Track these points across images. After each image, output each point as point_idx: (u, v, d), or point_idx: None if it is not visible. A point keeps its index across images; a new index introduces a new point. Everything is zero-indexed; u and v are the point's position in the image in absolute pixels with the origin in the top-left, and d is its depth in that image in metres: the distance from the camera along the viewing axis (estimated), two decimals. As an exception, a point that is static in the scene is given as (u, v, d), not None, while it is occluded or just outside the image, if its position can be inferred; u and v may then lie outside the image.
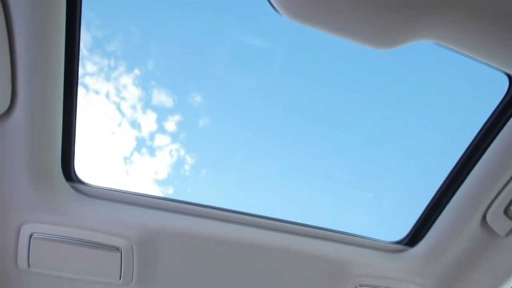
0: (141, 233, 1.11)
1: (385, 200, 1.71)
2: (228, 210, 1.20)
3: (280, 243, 1.20)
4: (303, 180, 1.70)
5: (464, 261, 1.29)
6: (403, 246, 1.35)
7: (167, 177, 1.89)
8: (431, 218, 1.28)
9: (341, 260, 1.26)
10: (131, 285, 1.23)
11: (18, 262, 1.12)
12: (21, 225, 1.06)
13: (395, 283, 1.33)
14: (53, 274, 1.17)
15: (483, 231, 1.23)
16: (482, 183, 1.16)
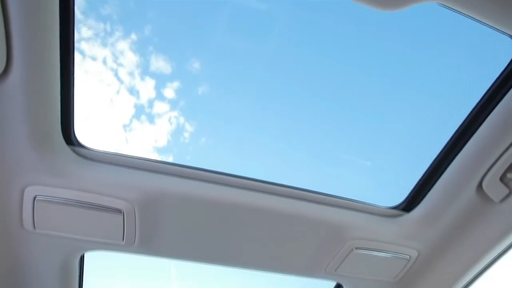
0: (143, 196, 1.14)
1: (383, 167, 1.73)
2: (228, 174, 1.22)
3: (279, 206, 1.23)
4: (302, 147, 1.71)
5: (458, 226, 1.33)
6: (399, 211, 1.38)
7: (166, 144, 1.90)
8: (428, 184, 1.31)
9: (338, 223, 1.30)
10: (133, 246, 1.27)
11: (24, 223, 1.16)
12: (25, 188, 1.08)
13: (391, 246, 1.38)
14: (58, 235, 1.21)
15: (478, 197, 1.25)
16: (480, 151, 1.17)
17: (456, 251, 1.40)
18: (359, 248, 1.36)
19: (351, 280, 1.52)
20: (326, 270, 1.45)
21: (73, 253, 1.31)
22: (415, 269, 1.47)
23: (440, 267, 1.46)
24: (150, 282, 2.47)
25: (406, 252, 1.40)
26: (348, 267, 1.43)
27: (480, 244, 1.34)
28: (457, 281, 1.47)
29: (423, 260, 1.44)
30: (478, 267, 1.41)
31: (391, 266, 1.45)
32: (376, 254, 1.38)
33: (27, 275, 1.35)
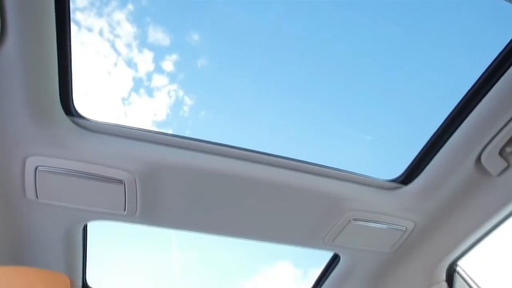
0: (143, 166, 1.14)
1: (383, 141, 1.74)
2: (228, 146, 1.22)
3: (278, 177, 1.24)
4: (302, 120, 1.71)
5: (455, 199, 1.35)
6: (397, 184, 1.40)
7: (166, 118, 1.90)
8: (427, 158, 1.32)
9: (337, 195, 1.32)
10: (135, 217, 1.30)
11: (27, 193, 1.17)
12: (26, 158, 1.09)
13: (388, 218, 1.40)
14: (61, 205, 1.23)
15: (476, 170, 1.26)
16: (481, 124, 1.17)
17: (451, 223, 1.42)
18: (357, 220, 1.38)
19: (348, 251, 1.56)
20: (324, 241, 1.48)
21: (76, 223, 1.34)
22: (411, 240, 1.51)
23: (435, 238, 1.49)
24: (152, 252, 2.53)
25: (403, 223, 1.43)
26: (345, 238, 1.47)
27: (475, 217, 1.37)
28: (451, 252, 1.51)
29: (419, 231, 1.47)
30: (472, 239, 1.44)
31: (388, 237, 1.48)
32: (373, 225, 1.41)
33: (32, 243, 1.38)
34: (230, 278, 2.86)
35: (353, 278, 1.72)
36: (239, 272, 2.91)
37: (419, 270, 1.60)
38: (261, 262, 2.97)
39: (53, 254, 1.43)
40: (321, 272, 1.82)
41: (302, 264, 2.45)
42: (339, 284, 1.76)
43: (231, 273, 2.87)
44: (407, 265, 1.62)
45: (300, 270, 2.55)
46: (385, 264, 1.64)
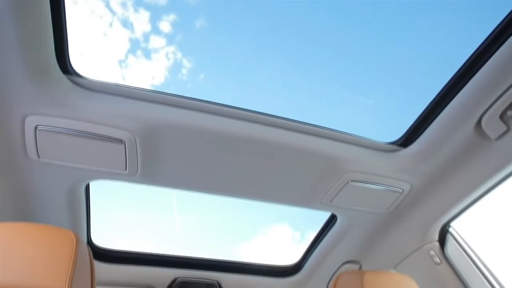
0: (143, 126, 1.14)
1: (384, 105, 1.73)
2: (228, 106, 1.21)
3: (278, 138, 1.25)
4: (303, 82, 1.69)
5: (452, 162, 1.37)
6: (396, 146, 1.41)
7: (164, 81, 1.87)
8: (427, 121, 1.32)
9: (336, 156, 1.33)
10: (136, 176, 1.31)
11: (28, 152, 1.18)
12: (25, 118, 1.09)
13: (385, 179, 1.43)
14: (63, 164, 1.24)
15: (475, 134, 1.27)
16: (483, 88, 1.16)
17: (447, 185, 1.45)
18: (355, 181, 1.41)
19: (345, 211, 1.60)
20: (321, 201, 1.52)
21: (79, 182, 1.36)
22: (407, 201, 1.54)
23: (430, 200, 1.53)
24: (154, 214, 2.58)
25: (400, 185, 1.46)
26: (343, 198, 1.50)
27: (471, 180, 1.39)
28: (445, 214, 1.55)
29: (415, 193, 1.50)
30: (466, 202, 1.47)
31: (384, 198, 1.51)
32: (370, 186, 1.44)
33: (36, 202, 1.41)
34: (230, 239, 2.95)
35: (349, 237, 1.78)
36: (238, 234, 3.00)
37: (413, 230, 1.66)
38: (260, 224, 3.05)
39: (58, 212, 1.46)
40: (318, 231, 1.88)
41: (300, 227, 2.52)
42: (335, 243, 1.82)
43: (231, 234, 2.96)
44: (402, 226, 1.67)
45: (297, 233, 2.63)
46: (380, 224, 1.69)
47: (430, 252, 1.64)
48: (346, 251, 1.87)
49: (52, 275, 0.80)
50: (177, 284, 1.91)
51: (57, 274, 0.81)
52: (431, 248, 1.64)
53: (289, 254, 2.17)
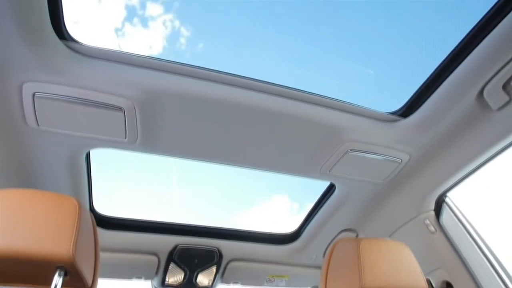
0: (142, 93, 1.13)
1: (386, 76, 1.71)
2: (228, 74, 1.20)
3: (278, 106, 1.24)
4: (306, 52, 1.66)
5: (451, 132, 1.37)
6: (397, 116, 1.40)
7: (162, 51, 1.84)
8: (428, 91, 1.30)
9: (336, 125, 1.33)
10: (136, 144, 1.32)
11: (27, 120, 1.18)
12: (22, 84, 1.08)
13: (385, 149, 1.43)
14: (62, 132, 1.24)
15: (476, 104, 1.26)
16: (487, 57, 1.14)
17: (445, 156, 1.46)
18: (354, 150, 1.41)
19: (344, 181, 1.62)
20: (320, 171, 1.53)
21: (79, 150, 1.36)
22: (405, 171, 1.56)
23: (428, 170, 1.54)
24: (154, 184, 2.61)
25: (398, 155, 1.47)
26: (342, 168, 1.51)
27: (469, 151, 1.40)
28: (442, 184, 1.57)
29: (413, 163, 1.51)
30: (463, 172, 1.49)
31: (383, 168, 1.53)
32: (369, 156, 1.45)
33: (38, 171, 1.43)
34: (229, 209, 3.01)
35: (347, 206, 1.81)
36: (237, 204, 3.06)
37: (409, 200, 1.68)
38: (259, 195, 3.10)
39: (60, 180, 1.48)
40: (316, 200, 1.91)
41: (298, 198, 2.56)
42: (333, 211, 1.86)
43: (230, 204, 3.01)
44: (399, 195, 1.70)
45: (296, 204, 2.68)
46: (378, 194, 1.72)
47: (425, 221, 1.67)
48: (344, 219, 1.92)
49: (56, 240, 0.82)
50: (178, 250, 1.96)
51: (61, 239, 0.82)
52: (427, 217, 1.67)
53: (287, 224, 2.23)
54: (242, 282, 2.29)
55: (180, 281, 2.11)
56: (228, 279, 2.22)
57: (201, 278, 2.12)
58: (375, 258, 1.14)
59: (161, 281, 2.10)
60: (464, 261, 1.54)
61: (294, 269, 2.26)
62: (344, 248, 1.24)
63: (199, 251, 1.99)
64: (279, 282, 2.34)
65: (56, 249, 0.81)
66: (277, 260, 2.19)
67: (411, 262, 1.20)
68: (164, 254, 1.98)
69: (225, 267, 2.13)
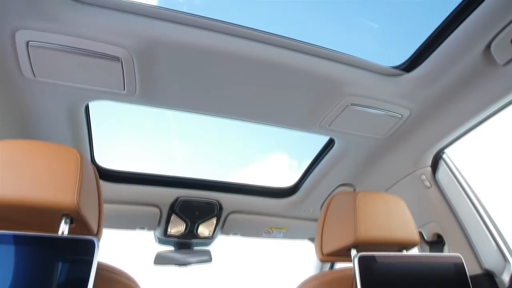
0: (140, 42, 1.10)
1: (390, 29, 1.65)
2: (228, 23, 1.15)
3: (279, 58, 1.21)
4: (309, 1, 1.59)
5: (454, 88, 1.34)
6: (399, 70, 1.37)
7: (157, 2, 1.75)
8: (434, 45, 1.26)
9: (337, 79, 1.31)
10: (135, 96, 1.30)
11: (23, 71, 1.16)
12: (15, 32, 1.04)
13: (385, 104, 1.42)
14: (60, 83, 1.22)
15: (482, 59, 1.22)
16: (495, 10, 1.09)
17: (446, 112, 1.45)
18: (355, 105, 1.40)
19: (343, 135, 1.62)
20: (320, 125, 1.53)
21: (77, 102, 1.35)
22: (404, 127, 1.56)
23: (428, 126, 1.54)
24: (155, 140, 2.62)
25: (399, 111, 1.46)
26: (342, 122, 1.51)
27: (471, 107, 1.38)
28: (441, 140, 1.58)
29: (413, 119, 1.51)
30: (463, 129, 1.49)
31: (383, 123, 1.52)
32: (370, 111, 1.44)
33: (37, 123, 1.42)
34: (229, 165, 3.05)
35: (345, 161, 1.83)
36: (237, 160, 3.09)
37: (407, 155, 1.70)
38: (259, 152, 3.13)
39: (60, 133, 1.48)
40: (315, 155, 1.94)
41: (297, 156, 2.59)
42: (331, 166, 1.88)
43: (230, 160, 3.04)
44: (397, 151, 1.71)
45: (295, 161, 2.71)
46: (376, 149, 1.73)
47: (421, 176, 1.70)
48: (341, 174, 1.95)
49: (60, 188, 0.83)
50: (180, 202, 2.01)
51: (65, 188, 0.84)
52: (423, 173, 1.70)
53: (286, 180, 2.27)
54: (242, 233, 2.39)
55: (182, 232, 2.19)
56: (228, 230, 2.31)
57: (202, 229, 2.20)
58: (371, 211, 1.17)
59: (163, 232, 2.18)
60: (456, 215, 1.59)
61: (291, 221, 2.34)
62: (341, 200, 1.27)
63: (200, 203, 2.05)
64: (277, 234, 2.44)
65: (61, 197, 0.82)
66: (275, 213, 2.26)
67: (405, 215, 1.24)
68: (166, 206, 2.03)
69: (225, 219, 2.21)
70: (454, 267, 1.16)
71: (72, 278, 0.79)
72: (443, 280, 1.14)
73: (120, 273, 1.06)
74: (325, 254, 1.26)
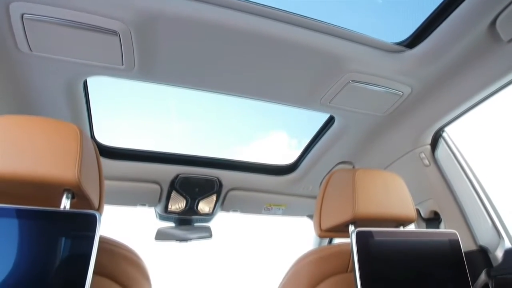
0: (138, 16, 1.07)
1: (394, 4, 1.61)
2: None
3: (280, 32, 1.19)
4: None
5: (456, 65, 1.32)
6: (402, 47, 1.35)
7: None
8: (437, 20, 1.23)
9: (339, 54, 1.29)
10: (133, 71, 1.29)
11: (19, 45, 1.14)
12: (9, 4, 1.02)
13: (387, 81, 1.41)
14: (57, 58, 1.20)
15: (487, 36, 1.20)
16: None
17: (447, 89, 1.43)
18: (356, 81, 1.39)
19: (343, 113, 1.62)
20: (321, 102, 1.52)
21: (75, 77, 1.33)
22: (405, 105, 1.55)
23: (428, 104, 1.53)
24: (153, 118, 2.61)
25: (400, 88, 1.44)
26: (342, 99, 1.50)
27: (473, 84, 1.37)
28: (441, 119, 1.57)
29: (414, 96, 1.50)
30: (464, 107, 1.48)
31: (384, 100, 1.51)
32: (371, 88, 1.42)
33: (36, 99, 1.41)
34: (229, 143, 3.05)
35: (345, 139, 1.83)
36: (237, 138, 3.09)
37: (407, 133, 1.70)
38: (258, 130, 3.12)
39: (58, 109, 1.47)
40: (315, 133, 1.94)
41: (297, 135, 2.59)
42: (331, 144, 1.88)
43: (230, 138, 3.04)
44: (397, 129, 1.71)
45: (294, 140, 2.71)
46: (376, 127, 1.73)
47: (420, 154, 1.71)
48: (341, 152, 1.96)
49: (61, 163, 0.83)
50: (180, 179, 2.03)
51: (65, 162, 0.84)
52: (422, 151, 1.70)
53: (286, 159, 2.28)
54: (241, 210, 2.42)
55: (182, 208, 2.22)
56: (227, 207, 2.34)
57: (202, 206, 2.23)
58: (369, 187, 1.18)
59: (164, 208, 2.21)
60: (453, 192, 1.61)
61: (291, 198, 2.37)
62: (340, 177, 1.28)
63: (200, 180, 2.07)
64: (276, 211, 2.48)
65: (62, 172, 0.83)
66: (274, 190, 2.29)
67: (403, 192, 1.25)
68: (166, 183, 2.05)
69: (225, 196, 2.23)
70: (449, 243, 1.18)
71: (75, 251, 0.80)
72: (438, 255, 1.16)
73: (121, 246, 1.08)
74: (323, 230, 1.28)
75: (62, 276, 0.77)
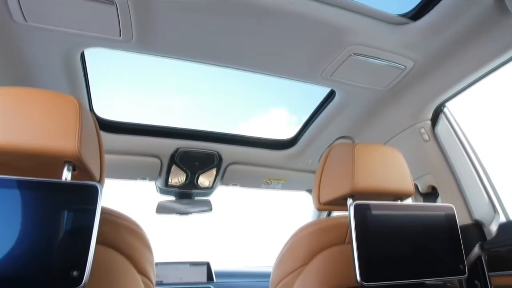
0: None
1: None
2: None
3: (281, 3, 1.15)
4: None
5: (460, 38, 1.29)
6: (406, 19, 1.31)
7: None
8: None
9: (340, 26, 1.26)
10: (132, 43, 1.26)
11: (13, 15, 1.11)
12: None
13: (389, 55, 1.38)
14: (52, 29, 1.18)
15: (494, 8, 1.16)
16: None
17: (450, 64, 1.41)
18: (357, 54, 1.36)
19: (344, 86, 1.60)
20: (321, 75, 1.50)
21: (72, 49, 1.31)
22: (407, 79, 1.53)
23: (430, 79, 1.51)
24: (153, 93, 2.59)
25: (403, 61, 1.42)
26: (343, 73, 1.48)
27: (476, 58, 1.34)
28: (443, 93, 1.55)
29: (417, 70, 1.47)
30: (466, 82, 1.46)
31: (385, 74, 1.49)
32: (373, 61, 1.40)
33: (34, 71, 1.40)
34: (229, 118, 3.04)
35: (345, 113, 1.82)
36: (237, 113, 3.08)
37: (408, 108, 1.69)
38: (258, 107, 3.11)
39: (56, 81, 1.46)
40: (315, 107, 1.92)
41: (297, 112, 2.57)
42: (331, 118, 1.88)
43: (230, 113, 3.03)
44: (398, 103, 1.69)
45: (294, 116, 2.69)
46: (377, 101, 1.71)
47: (420, 130, 1.70)
48: (341, 127, 1.95)
49: (60, 135, 0.83)
50: (180, 153, 2.04)
51: (65, 134, 0.83)
52: (423, 126, 1.70)
53: (285, 135, 2.28)
54: (241, 184, 2.45)
55: (182, 182, 2.24)
56: (227, 181, 2.36)
57: (202, 179, 2.26)
58: (368, 161, 1.18)
59: (164, 182, 2.23)
60: (452, 168, 1.62)
61: (290, 173, 2.39)
62: (339, 151, 1.28)
63: (200, 154, 2.08)
64: (275, 185, 2.51)
65: (62, 144, 0.82)
66: (274, 164, 2.30)
67: (402, 167, 1.25)
68: (166, 157, 2.06)
69: (225, 170, 2.25)
70: (445, 216, 1.20)
71: (77, 222, 0.81)
72: (434, 228, 1.18)
73: (123, 217, 1.10)
74: (322, 203, 1.29)
75: (66, 246, 0.78)
